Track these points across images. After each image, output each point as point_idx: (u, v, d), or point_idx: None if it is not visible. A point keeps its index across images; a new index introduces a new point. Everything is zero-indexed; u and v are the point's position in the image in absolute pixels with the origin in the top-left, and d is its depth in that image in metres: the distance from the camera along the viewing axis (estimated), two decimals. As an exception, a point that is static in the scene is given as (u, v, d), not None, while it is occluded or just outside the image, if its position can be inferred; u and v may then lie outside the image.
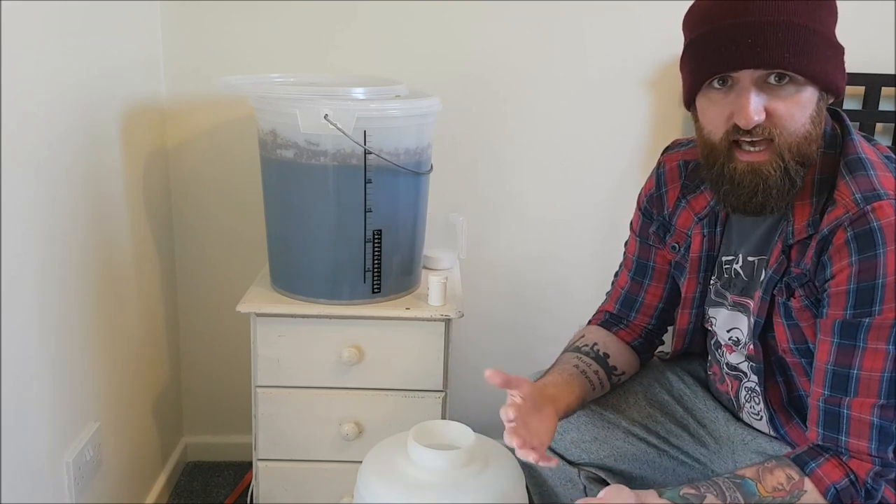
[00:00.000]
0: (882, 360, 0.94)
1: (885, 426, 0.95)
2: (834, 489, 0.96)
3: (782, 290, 1.04)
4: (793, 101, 0.95)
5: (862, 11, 1.65)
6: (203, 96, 1.72)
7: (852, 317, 0.95)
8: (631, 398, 1.26)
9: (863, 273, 0.94)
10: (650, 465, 1.24)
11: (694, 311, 1.19)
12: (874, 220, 0.93)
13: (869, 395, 0.95)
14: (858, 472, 0.97)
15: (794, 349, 1.05)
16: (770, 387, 1.12)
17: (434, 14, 1.68)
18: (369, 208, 1.38)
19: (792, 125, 0.95)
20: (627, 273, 1.27)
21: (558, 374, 1.17)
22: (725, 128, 0.98)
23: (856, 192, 0.96)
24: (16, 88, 1.10)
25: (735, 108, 0.96)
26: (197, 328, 1.87)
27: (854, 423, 0.96)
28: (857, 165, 0.98)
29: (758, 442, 1.16)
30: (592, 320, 1.32)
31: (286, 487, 1.52)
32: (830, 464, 0.98)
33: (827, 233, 0.97)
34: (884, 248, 0.92)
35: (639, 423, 1.24)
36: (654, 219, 1.23)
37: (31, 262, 1.18)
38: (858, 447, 0.97)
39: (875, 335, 0.94)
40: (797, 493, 0.97)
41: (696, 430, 1.24)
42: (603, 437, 1.23)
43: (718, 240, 1.14)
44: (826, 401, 0.99)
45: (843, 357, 0.97)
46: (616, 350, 1.24)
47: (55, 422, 1.28)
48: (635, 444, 1.24)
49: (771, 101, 0.95)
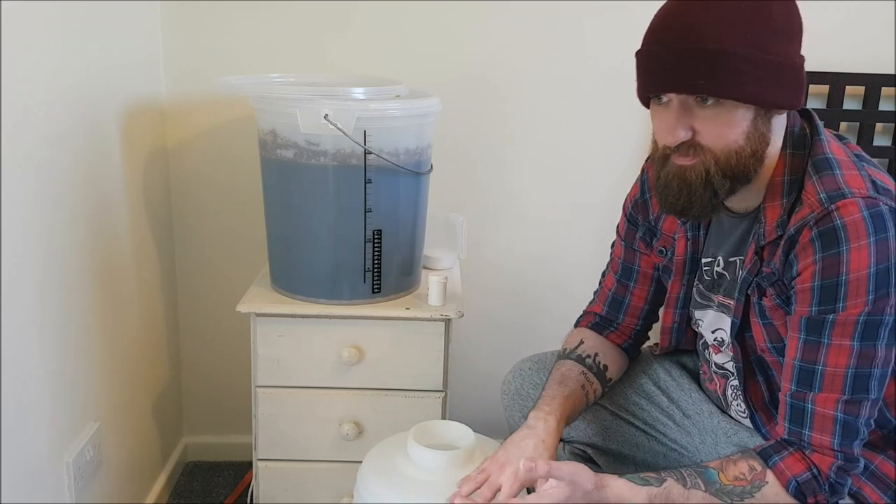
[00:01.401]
0: (846, 356, 0.96)
1: (849, 421, 0.97)
2: (795, 482, 0.98)
3: (755, 289, 1.06)
4: (720, 121, 0.97)
5: (862, 11, 1.65)
6: (203, 96, 1.72)
7: (817, 313, 0.97)
8: (617, 387, 1.29)
9: (827, 270, 0.95)
10: (640, 447, 1.26)
11: (678, 311, 1.22)
12: (838, 218, 0.94)
13: (833, 391, 0.97)
14: (821, 466, 0.98)
15: (771, 348, 1.07)
16: (750, 386, 1.13)
17: (434, 14, 1.68)
18: (369, 208, 1.38)
19: (719, 142, 0.97)
20: (614, 275, 1.30)
21: (570, 403, 1.17)
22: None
23: (821, 192, 0.97)
24: (16, 88, 1.10)
25: (665, 126, 0.99)
26: (197, 328, 1.87)
27: (818, 418, 0.98)
28: (824, 165, 1.00)
29: (740, 435, 1.18)
30: (582, 321, 1.34)
31: (286, 487, 1.52)
32: (793, 457, 0.99)
33: (793, 232, 0.99)
34: (847, 246, 0.94)
35: (626, 408, 1.28)
36: (639, 225, 1.25)
37: (31, 262, 1.18)
38: (821, 441, 0.98)
39: (839, 331, 0.96)
40: (758, 484, 0.99)
41: (682, 421, 1.26)
42: (591, 418, 1.27)
43: (702, 242, 1.16)
44: (792, 395, 1.00)
45: (808, 353, 0.98)
46: (612, 359, 1.27)
47: (55, 422, 1.28)
48: (623, 426, 1.27)
49: (698, 121, 0.97)
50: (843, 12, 1.62)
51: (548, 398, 1.16)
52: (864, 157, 1.04)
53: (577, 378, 1.21)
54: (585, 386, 1.21)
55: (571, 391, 1.18)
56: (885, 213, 0.94)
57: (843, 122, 1.71)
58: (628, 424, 1.27)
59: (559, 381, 1.20)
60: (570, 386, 1.19)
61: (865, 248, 0.93)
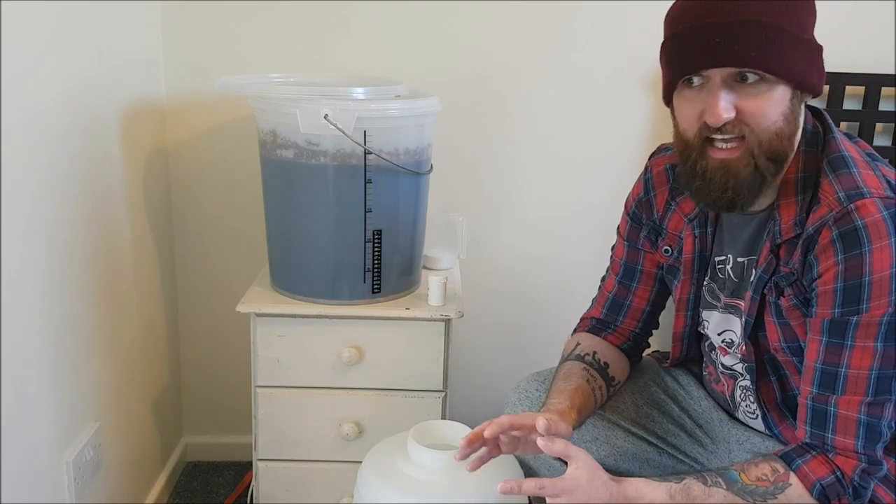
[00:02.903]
0: (870, 358, 0.95)
1: (873, 424, 0.96)
2: (820, 485, 0.97)
3: (772, 289, 1.05)
4: (763, 98, 0.96)
5: (862, 11, 1.65)
6: (203, 96, 1.72)
7: (840, 315, 0.96)
8: (629, 398, 1.26)
9: (849, 271, 0.94)
10: (650, 463, 1.24)
11: (689, 313, 1.20)
12: (858, 218, 0.94)
13: (857, 393, 0.96)
14: (845, 469, 0.97)
15: (786, 348, 1.06)
16: (763, 386, 1.12)
17: (434, 14, 1.68)
18: (369, 208, 1.38)
19: (763, 122, 0.96)
20: (615, 277, 1.28)
21: (579, 395, 1.15)
22: (698, 125, 0.99)
23: (839, 191, 0.97)
24: (16, 89, 1.10)
25: (706, 107, 0.97)
26: (197, 328, 1.87)
27: (841, 421, 0.97)
28: (840, 163, 0.99)
29: (752, 442, 1.17)
30: (578, 328, 1.32)
31: (286, 487, 1.52)
32: (817, 461, 0.98)
33: (812, 232, 0.98)
34: (869, 247, 0.93)
35: (637, 423, 1.25)
36: (643, 223, 1.24)
37: (32, 262, 1.18)
38: (845, 444, 0.97)
39: (863, 333, 0.95)
40: (781, 486, 0.98)
41: (693, 430, 1.25)
42: (604, 437, 1.24)
43: (710, 240, 1.15)
44: (814, 399, 0.99)
45: (831, 355, 0.97)
46: (612, 357, 1.25)
47: (55, 422, 1.28)
48: (635, 444, 1.24)
49: (741, 99, 0.96)
50: (843, 12, 1.62)
51: (555, 392, 1.15)
52: (876, 155, 1.04)
53: (581, 374, 1.19)
54: (590, 381, 1.19)
55: (578, 385, 1.16)
56: None
57: (843, 122, 1.71)
58: (640, 440, 1.24)
59: (563, 377, 1.18)
60: (575, 381, 1.17)
61: (888, 248, 0.92)
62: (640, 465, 1.24)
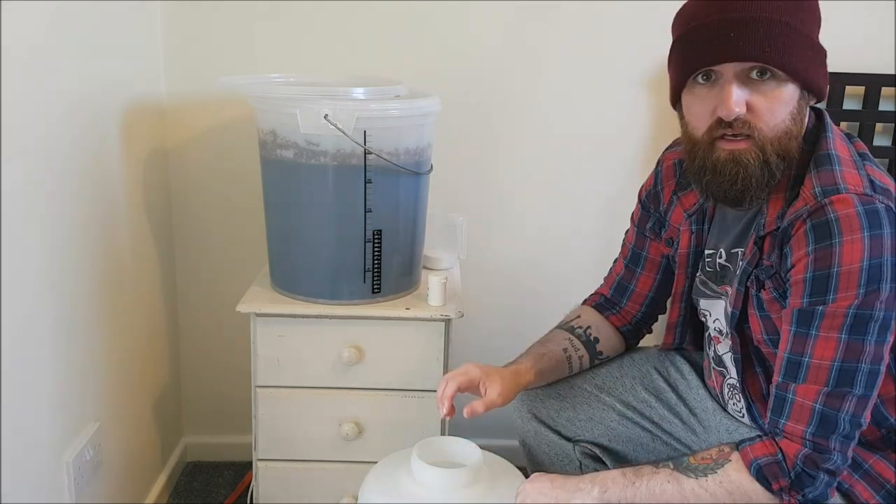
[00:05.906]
0: (833, 349, 0.95)
1: (829, 414, 0.96)
2: (757, 464, 0.98)
3: (753, 281, 1.06)
4: (773, 96, 0.97)
5: (862, 11, 1.65)
6: (203, 96, 1.71)
7: (808, 305, 0.97)
8: (628, 382, 1.30)
9: (818, 262, 0.95)
10: (643, 448, 1.27)
11: (683, 304, 1.23)
12: (831, 212, 0.95)
13: (816, 382, 0.96)
14: (787, 452, 0.97)
15: (768, 340, 1.07)
16: (749, 377, 1.14)
17: (434, 14, 1.68)
18: (369, 208, 1.38)
19: (772, 119, 0.98)
20: (623, 260, 1.33)
21: (545, 360, 1.25)
22: (709, 122, 1.00)
23: (816, 186, 0.98)
24: (16, 89, 1.10)
25: (718, 102, 0.98)
26: (197, 328, 1.87)
27: (796, 407, 0.98)
28: (824, 161, 1.00)
29: (740, 431, 1.19)
30: (588, 300, 1.37)
31: (286, 487, 1.52)
32: (763, 443, 1.00)
33: (787, 225, 0.99)
34: (839, 238, 0.94)
35: (633, 407, 1.28)
36: (651, 214, 1.28)
37: (32, 263, 1.18)
38: (794, 429, 0.98)
39: (828, 324, 0.95)
40: (722, 462, 1.00)
41: (688, 418, 1.27)
42: (598, 418, 1.28)
43: (705, 237, 1.18)
44: (777, 387, 1.00)
45: (797, 345, 0.98)
46: (606, 335, 1.30)
47: (55, 422, 1.28)
48: (629, 427, 1.28)
49: (752, 95, 0.97)
50: (844, 12, 1.62)
51: (527, 352, 1.26)
52: (869, 156, 1.04)
53: (560, 342, 1.26)
54: (568, 350, 1.26)
55: (549, 350, 1.25)
56: (880, 211, 0.94)
57: (843, 122, 1.71)
58: (634, 424, 1.27)
59: (542, 341, 1.28)
60: (550, 346, 1.26)
61: (859, 242, 0.93)
62: (633, 449, 1.28)
